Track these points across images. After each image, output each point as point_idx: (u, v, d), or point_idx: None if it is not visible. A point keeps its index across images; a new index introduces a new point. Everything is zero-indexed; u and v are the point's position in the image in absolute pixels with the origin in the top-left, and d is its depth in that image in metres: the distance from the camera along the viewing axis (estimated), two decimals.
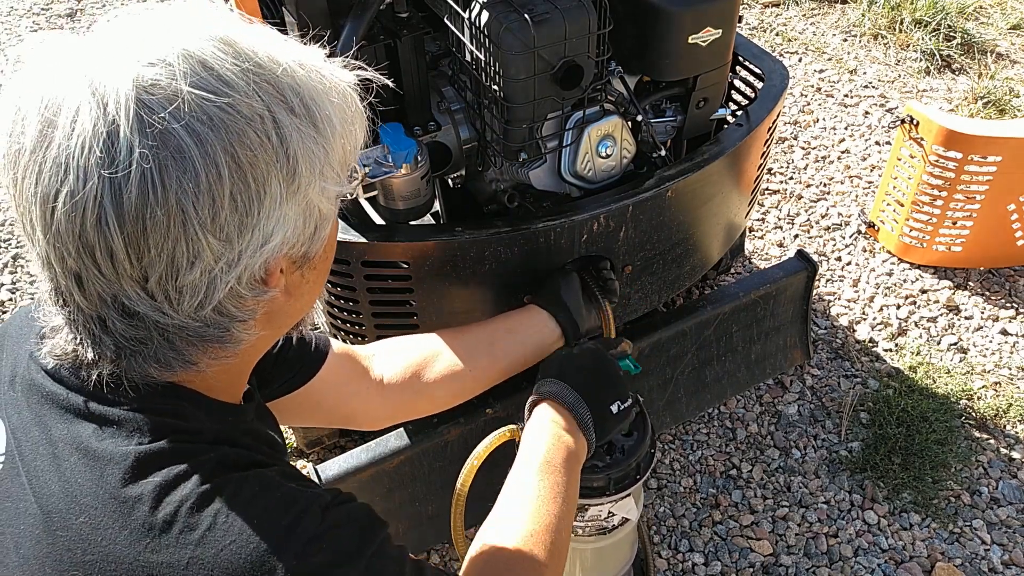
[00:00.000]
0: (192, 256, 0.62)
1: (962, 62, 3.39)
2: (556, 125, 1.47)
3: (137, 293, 0.64)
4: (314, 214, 0.69)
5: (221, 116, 0.61)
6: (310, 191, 0.67)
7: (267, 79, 0.64)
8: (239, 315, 0.69)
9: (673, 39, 1.41)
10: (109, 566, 0.63)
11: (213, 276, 0.64)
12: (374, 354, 1.27)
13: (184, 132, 0.60)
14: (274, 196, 0.64)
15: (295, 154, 0.65)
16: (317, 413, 1.22)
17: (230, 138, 0.61)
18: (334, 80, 0.70)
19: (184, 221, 0.61)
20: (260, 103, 0.63)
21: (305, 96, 0.66)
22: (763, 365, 2.16)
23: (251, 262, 0.66)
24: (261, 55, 0.65)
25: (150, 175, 0.59)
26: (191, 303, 0.65)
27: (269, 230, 0.65)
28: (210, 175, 0.60)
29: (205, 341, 0.69)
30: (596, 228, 1.45)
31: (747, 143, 1.61)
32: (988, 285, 2.47)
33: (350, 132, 0.72)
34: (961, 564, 1.83)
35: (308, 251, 0.72)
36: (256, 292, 0.69)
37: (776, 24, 3.65)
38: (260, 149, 0.63)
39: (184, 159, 0.60)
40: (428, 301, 1.46)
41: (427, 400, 1.30)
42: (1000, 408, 2.14)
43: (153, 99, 0.59)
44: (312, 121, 0.66)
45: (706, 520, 1.92)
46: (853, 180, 2.84)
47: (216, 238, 0.62)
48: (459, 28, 1.34)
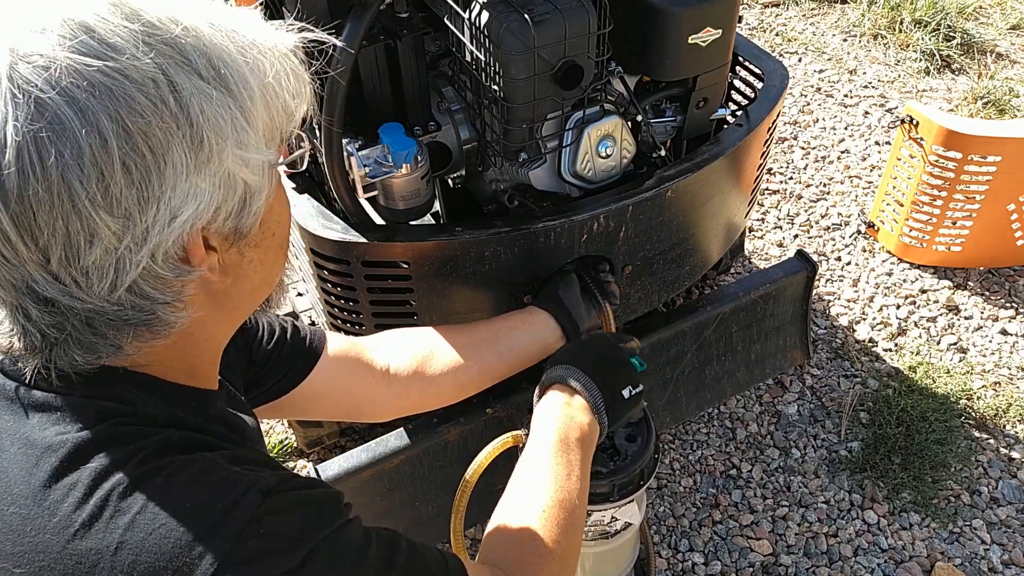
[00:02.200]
0: (89, 234, 0.58)
1: (962, 62, 3.39)
2: (556, 125, 1.47)
3: (43, 277, 0.60)
4: (236, 185, 0.64)
5: (104, 81, 0.56)
6: (225, 159, 0.62)
7: (163, 40, 0.59)
8: (161, 297, 0.64)
9: (673, 39, 1.41)
10: (37, 556, 0.61)
11: (119, 255, 0.60)
12: (379, 345, 1.25)
13: (61, 100, 0.55)
14: (178, 166, 0.59)
15: (199, 119, 0.60)
16: (321, 408, 1.20)
17: (115, 104, 0.56)
18: (257, 40, 0.65)
19: (71, 197, 0.56)
20: (151, 65, 0.58)
21: (213, 57, 0.61)
22: (763, 365, 2.16)
23: (162, 239, 0.61)
24: (159, 15, 0.60)
25: (26, 149, 0.55)
26: (101, 285, 0.61)
27: (178, 204, 0.60)
28: (94, 146, 0.56)
29: (128, 324, 0.65)
30: (596, 228, 1.45)
31: (747, 143, 1.61)
32: (988, 285, 2.48)
33: (277, 96, 0.66)
34: (961, 564, 1.83)
35: (239, 226, 0.67)
36: (177, 271, 0.64)
37: (776, 24, 3.65)
38: (154, 115, 0.58)
39: (64, 130, 0.55)
40: (428, 301, 1.47)
41: (433, 392, 1.29)
42: (1000, 408, 2.14)
43: (28, 68, 0.55)
44: (223, 84, 0.61)
45: (706, 520, 1.92)
46: (853, 180, 2.84)
47: (111, 215, 0.58)
48: (459, 28, 1.35)
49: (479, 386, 1.34)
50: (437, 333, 1.31)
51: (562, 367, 1.15)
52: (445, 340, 1.30)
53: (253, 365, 1.07)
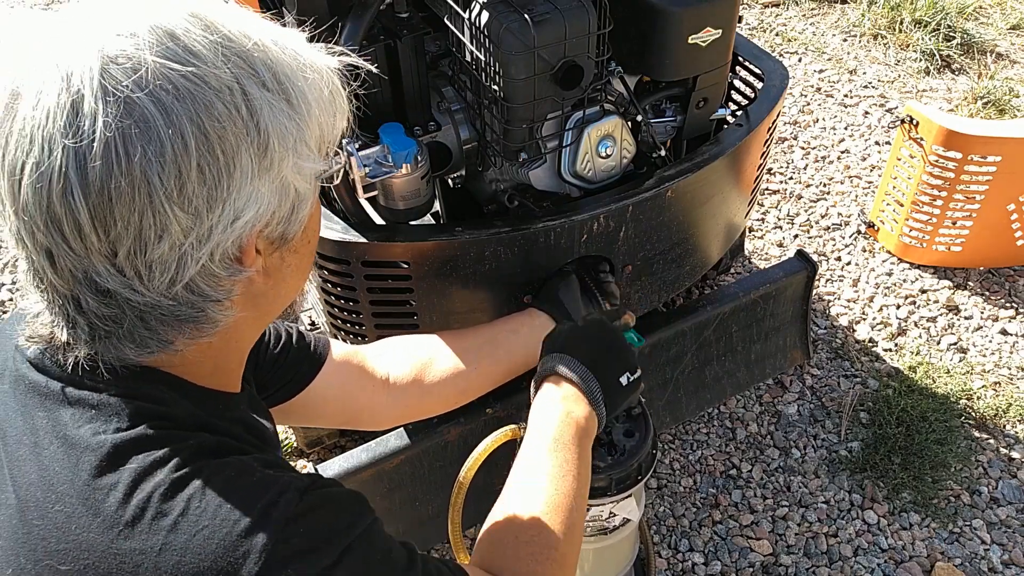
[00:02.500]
0: (160, 229, 0.61)
1: (962, 62, 3.39)
2: (556, 125, 1.47)
3: (107, 268, 0.63)
4: (290, 192, 0.68)
5: (187, 86, 0.60)
6: (284, 167, 0.66)
7: (237, 52, 0.63)
8: (213, 295, 0.68)
9: (673, 39, 1.41)
10: (82, 555, 0.63)
11: (183, 251, 0.63)
12: (379, 353, 1.26)
13: (148, 101, 0.59)
14: (245, 170, 0.63)
15: (266, 128, 0.64)
16: (322, 415, 1.21)
17: (196, 108, 0.60)
18: (311, 60, 0.69)
19: (150, 192, 0.59)
20: (228, 75, 0.62)
21: (278, 71, 0.65)
22: (763, 365, 2.16)
23: (223, 238, 0.64)
24: (233, 29, 0.64)
25: (114, 144, 0.58)
26: (162, 279, 0.64)
27: (241, 205, 0.64)
28: (176, 146, 0.59)
29: (179, 320, 0.68)
30: (596, 228, 1.45)
31: (747, 143, 1.61)
32: (988, 285, 2.48)
33: (327, 111, 0.70)
34: (961, 564, 1.83)
35: (286, 232, 0.70)
36: (230, 271, 0.67)
37: (776, 24, 3.65)
38: (228, 121, 0.61)
39: (148, 129, 0.59)
40: (428, 301, 1.47)
41: (433, 399, 1.30)
42: (1000, 408, 2.14)
43: (118, 68, 0.58)
44: (285, 96, 0.65)
45: (706, 520, 1.92)
46: (853, 180, 2.84)
47: (183, 211, 0.61)
48: (459, 28, 1.35)
49: (478, 392, 1.34)
50: (437, 339, 1.31)
51: (558, 356, 1.12)
52: (444, 346, 1.30)
53: (259, 369, 1.08)
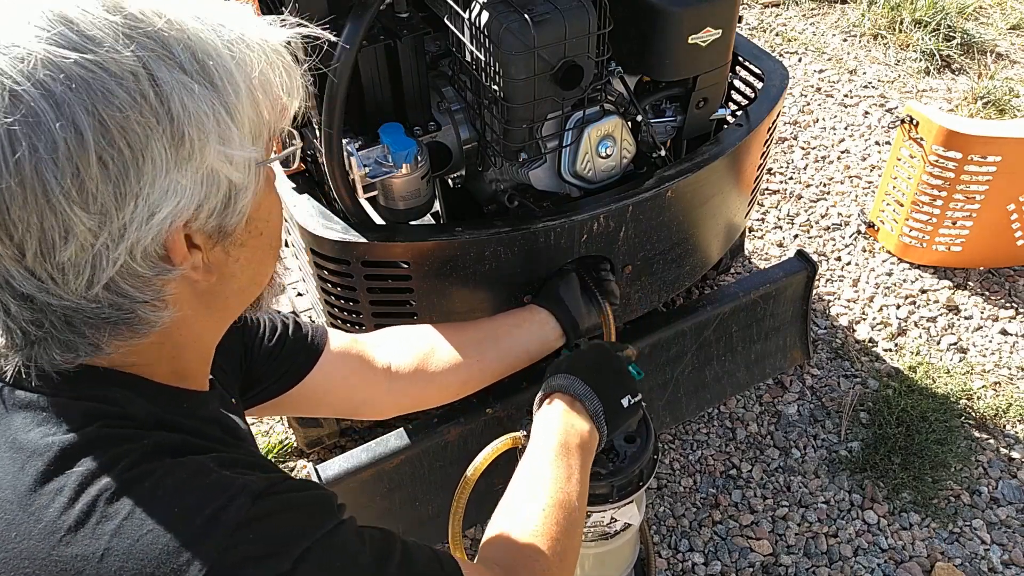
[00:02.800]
0: (63, 230, 0.57)
1: (962, 62, 3.39)
2: (556, 125, 1.47)
3: (20, 272, 0.59)
4: (220, 183, 0.63)
5: (81, 74, 0.55)
6: (207, 156, 0.61)
7: (145, 33, 0.58)
8: (141, 295, 0.63)
9: (673, 39, 1.41)
10: (22, 563, 0.59)
11: (96, 252, 0.59)
12: (379, 343, 1.25)
13: (36, 93, 0.54)
14: (157, 161, 0.58)
15: (179, 114, 0.58)
16: (323, 405, 1.20)
17: (92, 98, 0.55)
18: (246, 35, 0.63)
19: (45, 192, 0.55)
20: (131, 58, 0.57)
21: (198, 51, 0.60)
22: (763, 365, 2.16)
23: (140, 235, 0.60)
24: (142, 7, 0.58)
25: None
26: (77, 282, 0.60)
27: (156, 200, 0.59)
28: (69, 140, 0.55)
29: (107, 323, 0.63)
30: (596, 228, 1.45)
31: (747, 143, 1.61)
32: (988, 285, 2.48)
33: (266, 92, 0.65)
34: (961, 564, 1.83)
35: (223, 224, 0.65)
36: (158, 270, 0.63)
37: (776, 24, 3.65)
38: (132, 109, 0.56)
39: (38, 123, 0.54)
40: (428, 301, 1.47)
41: (435, 389, 1.29)
42: (1000, 408, 2.14)
43: (5, 59, 0.54)
44: (207, 79, 0.60)
45: (706, 520, 1.92)
46: (853, 180, 2.84)
47: (86, 211, 0.57)
48: (459, 28, 1.35)
49: (479, 384, 1.34)
50: (438, 331, 1.31)
51: (562, 376, 1.16)
52: (446, 338, 1.30)
53: (253, 363, 1.06)
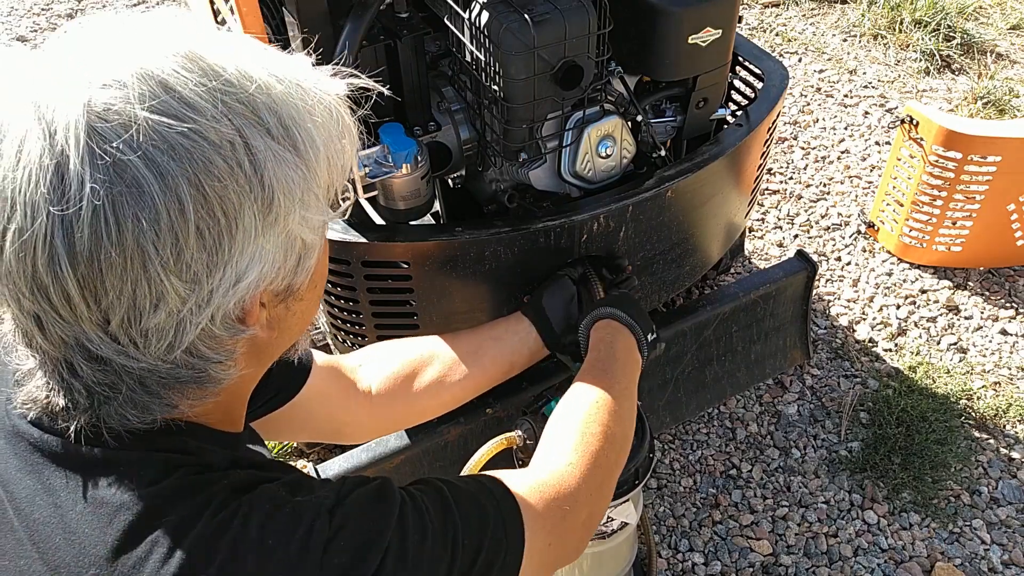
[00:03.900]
0: (155, 298, 0.57)
1: (962, 62, 3.39)
2: (556, 125, 1.47)
3: (99, 336, 0.59)
4: (296, 245, 0.64)
5: (184, 144, 0.55)
6: (290, 221, 0.61)
7: (239, 99, 0.58)
8: (215, 356, 0.64)
9: (673, 39, 1.41)
10: None
11: (181, 318, 0.59)
12: (359, 365, 1.24)
13: (141, 163, 0.54)
14: (248, 229, 0.58)
15: (271, 182, 0.59)
16: (304, 429, 1.19)
17: (195, 168, 0.55)
18: (318, 94, 0.64)
19: (144, 262, 0.55)
20: (230, 127, 0.57)
21: (284, 115, 0.60)
22: (763, 365, 2.16)
23: (224, 301, 0.60)
24: (232, 71, 0.58)
25: (103, 212, 0.53)
26: (159, 346, 0.60)
27: (244, 266, 0.59)
28: (172, 211, 0.55)
29: (181, 383, 0.64)
30: (596, 228, 1.45)
31: (747, 143, 1.61)
32: (988, 285, 2.48)
33: (337, 153, 0.66)
34: (961, 564, 1.83)
35: (292, 283, 0.66)
36: (233, 331, 0.63)
37: (776, 24, 3.65)
38: (230, 178, 0.56)
39: (142, 194, 0.54)
40: (428, 301, 1.47)
41: (416, 411, 1.29)
42: (1000, 408, 2.14)
43: (106, 127, 0.53)
44: (292, 144, 0.60)
45: (706, 520, 1.92)
46: (853, 180, 2.84)
47: (181, 279, 0.57)
48: (459, 28, 1.35)
49: (463, 400, 1.34)
50: (419, 349, 1.30)
51: (607, 308, 1.29)
52: (427, 357, 1.29)
53: None
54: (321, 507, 0.67)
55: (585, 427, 1.02)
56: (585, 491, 0.94)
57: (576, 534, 0.92)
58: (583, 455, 0.98)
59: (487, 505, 0.79)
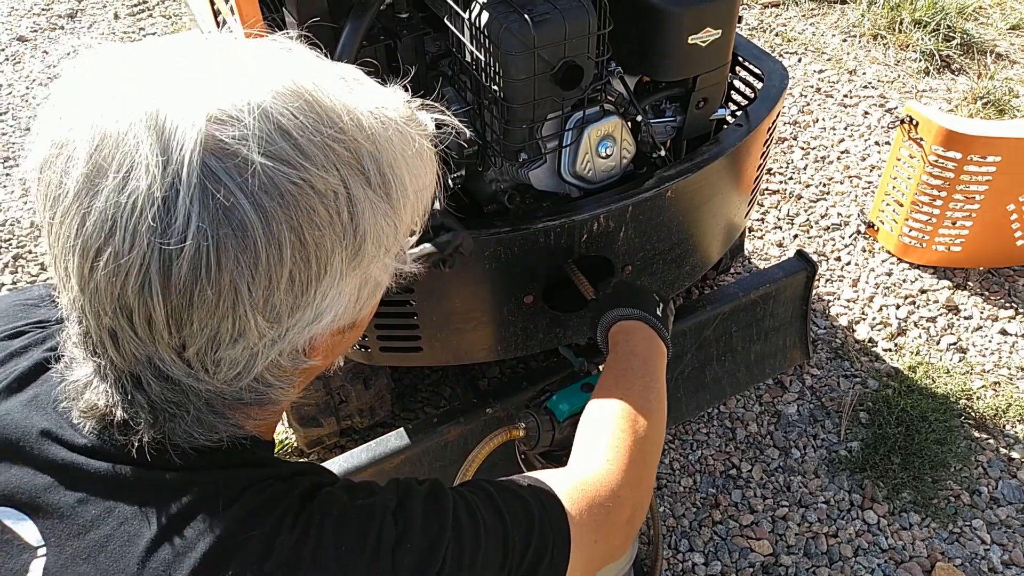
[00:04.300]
0: (237, 333, 0.58)
1: (961, 62, 3.39)
2: (556, 125, 1.47)
3: (172, 359, 0.59)
4: (369, 285, 0.64)
5: (292, 191, 0.55)
6: (373, 266, 0.62)
7: (347, 147, 0.58)
8: (278, 383, 0.65)
9: (673, 39, 1.41)
10: None
11: (255, 351, 0.60)
12: None
13: (250, 208, 0.53)
14: (334, 273, 0.59)
15: (364, 231, 0.59)
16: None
17: (299, 216, 0.55)
18: (413, 136, 0.64)
19: (235, 301, 0.56)
20: (336, 177, 0.57)
21: (383, 163, 0.60)
22: (763, 365, 2.16)
23: (297, 338, 0.61)
24: (346, 118, 0.58)
25: (206, 251, 0.53)
26: (228, 374, 0.61)
27: (323, 308, 0.60)
28: (272, 256, 0.55)
29: (244, 405, 0.65)
30: (596, 228, 1.45)
31: (747, 143, 1.61)
32: (987, 285, 2.48)
33: (421, 196, 0.66)
34: (961, 564, 1.83)
35: (356, 319, 0.67)
36: (296, 362, 0.64)
37: (776, 24, 3.65)
38: (329, 227, 0.57)
39: (246, 237, 0.54)
40: (428, 301, 1.47)
41: None
42: (999, 408, 2.14)
43: (221, 167, 0.53)
44: (387, 192, 0.61)
45: (706, 520, 1.92)
46: (852, 180, 2.85)
47: (265, 318, 0.58)
48: (459, 28, 1.35)
49: None
50: None
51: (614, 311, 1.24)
52: None
53: None
54: (387, 510, 0.68)
55: (617, 425, 1.01)
56: (626, 487, 0.94)
57: (620, 530, 0.93)
58: (619, 452, 0.98)
59: (533, 505, 0.80)
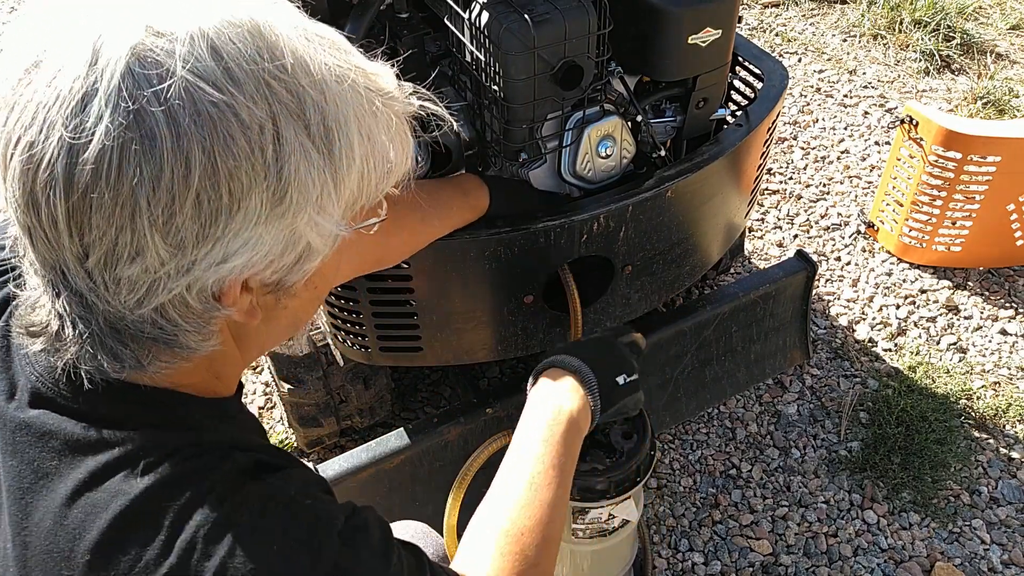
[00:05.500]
0: (134, 251, 0.57)
1: (961, 62, 3.39)
2: (556, 125, 1.47)
3: (76, 268, 0.58)
4: (298, 244, 0.62)
5: (212, 113, 0.54)
6: (299, 220, 0.60)
7: (288, 87, 0.57)
8: (184, 324, 0.63)
9: (673, 39, 1.41)
10: None
11: (156, 278, 0.58)
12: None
13: (162, 118, 0.53)
14: (250, 214, 0.58)
15: (289, 176, 0.58)
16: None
17: (214, 139, 0.54)
18: (378, 106, 0.63)
19: (133, 212, 0.55)
20: (266, 111, 0.56)
21: (329, 118, 0.59)
22: (763, 365, 2.16)
23: (203, 275, 0.59)
24: (292, 59, 0.57)
25: (109, 153, 0.53)
26: (129, 298, 0.59)
27: (234, 248, 0.59)
28: (176, 172, 0.54)
29: (150, 340, 0.63)
30: (596, 228, 1.45)
31: (747, 143, 1.61)
32: (987, 285, 2.48)
33: (375, 170, 0.64)
34: (960, 564, 1.83)
35: (285, 279, 0.65)
36: (207, 306, 0.62)
37: (776, 24, 3.65)
38: (246, 160, 0.56)
39: (153, 148, 0.53)
40: (428, 301, 1.47)
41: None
42: (999, 408, 2.14)
43: (143, 74, 0.53)
44: (328, 147, 0.59)
45: (706, 520, 1.92)
46: (852, 180, 2.85)
47: (164, 240, 0.56)
48: (459, 28, 1.35)
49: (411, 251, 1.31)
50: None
51: (557, 356, 1.14)
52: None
53: None
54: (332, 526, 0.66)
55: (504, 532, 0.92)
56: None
57: None
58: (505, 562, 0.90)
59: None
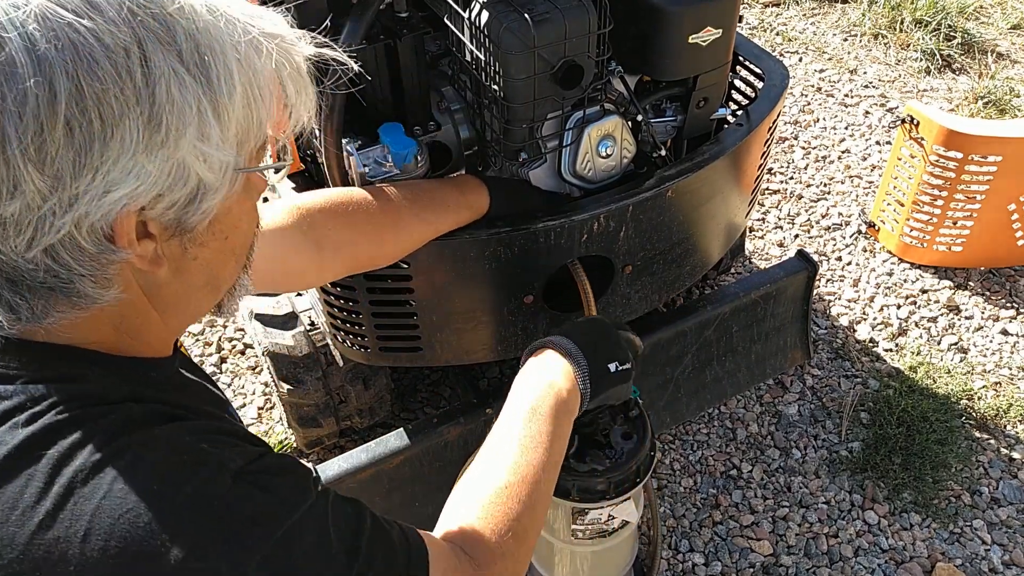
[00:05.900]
0: (11, 185, 0.56)
1: (962, 62, 3.39)
2: (556, 125, 1.47)
3: None
4: (188, 178, 0.61)
5: (72, 37, 0.54)
6: (181, 149, 0.59)
7: (153, 14, 0.57)
8: (79, 268, 0.61)
9: (673, 39, 1.41)
10: (4, 550, 0.58)
11: (41, 215, 0.57)
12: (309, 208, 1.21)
13: (21, 44, 0.53)
14: (126, 141, 0.57)
15: (162, 100, 0.57)
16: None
17: (77, 63, 0.54)
18: (264, 43, 0.63)
19: (3, 143, 0.54)
20: (129, 36, 0.56)
21: (202, 43, 0.59)
22: (763, 365, 2.16)
23: (90, 210, 0.58)
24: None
25: None
26: (17, 240, 0.58)
27: (115, 178, 0.58)
28: (41, 99, 0.53)
29: (45, 288, 0.62)
30: (596, 228, 1.45)
31: (747, 143, 1.60)
32: (988, 285, 2.47)
33: (263, 99, 0.64)
34: (961, 564, 1.83)
35: (183, 219, 0.64)
36: (101, 248, 0.61)
37: (776, 24, 3.65)
38: (114, 84, 0.55)
39: (14, 75, 0.53)
40: (428, 301, 1.46)
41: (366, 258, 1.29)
42: (1000, 408, 2.14)
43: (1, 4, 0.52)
44: (204, 72, 0.59)
45: (706, 520, 1.92)
46: (853, 180, 2.84)
47: (40, 171, 0.55)
48: (459, 28, 1.34)
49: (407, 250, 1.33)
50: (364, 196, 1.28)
51: (553, 337, 1.14)
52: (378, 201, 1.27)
53: None
54: (224, 466, 0.64)
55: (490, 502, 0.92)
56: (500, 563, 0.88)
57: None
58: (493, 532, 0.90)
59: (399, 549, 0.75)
